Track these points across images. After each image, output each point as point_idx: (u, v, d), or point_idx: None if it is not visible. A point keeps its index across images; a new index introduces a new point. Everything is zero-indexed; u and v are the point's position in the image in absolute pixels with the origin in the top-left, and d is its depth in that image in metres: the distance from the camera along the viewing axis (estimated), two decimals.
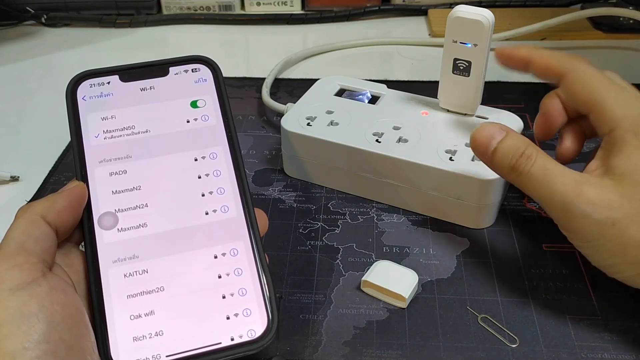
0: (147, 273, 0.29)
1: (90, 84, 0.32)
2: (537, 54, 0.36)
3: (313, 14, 0.70)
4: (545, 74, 0.35)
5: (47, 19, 0.70)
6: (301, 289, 0.36)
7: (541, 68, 0.35)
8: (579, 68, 0.34)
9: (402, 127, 0.41)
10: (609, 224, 0.29)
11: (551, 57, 0.35)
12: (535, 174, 0.31)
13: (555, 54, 0.35)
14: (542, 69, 0.35)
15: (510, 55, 0.37)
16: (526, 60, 0.36)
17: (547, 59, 0.35)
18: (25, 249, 0.26)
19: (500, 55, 0.37)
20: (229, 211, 0.30)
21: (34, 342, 0.23)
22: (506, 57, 0.37)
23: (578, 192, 0.30)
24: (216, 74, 0.33)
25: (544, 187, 0.31)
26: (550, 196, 0.31)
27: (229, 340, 0.28)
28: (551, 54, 0.35)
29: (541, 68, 0.35)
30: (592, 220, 0.30)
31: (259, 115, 0.52)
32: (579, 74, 0.34)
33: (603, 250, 0.30)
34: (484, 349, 0.32)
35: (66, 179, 0.45)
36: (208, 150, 0.32)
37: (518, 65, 0.37)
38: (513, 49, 0.37)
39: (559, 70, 0.34)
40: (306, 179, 0.44)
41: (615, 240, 0.29)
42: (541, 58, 0.35)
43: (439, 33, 0.65)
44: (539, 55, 0.36)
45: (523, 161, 0.32)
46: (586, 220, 0.30)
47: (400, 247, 0.38)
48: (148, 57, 0.34)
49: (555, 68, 0.35)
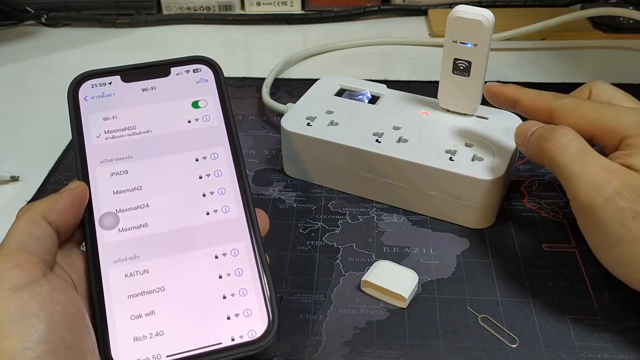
0: (148, 273, 0.29)
1: (91, 84, 0.32)
2: (524, 95, 0.36)
3: (313, 14, 0.70)
4: (533, 114, 0.36)
5: (47, 19, 0.70)
6: (301, 289, 0.36)
7: (528, 108, 0.36)
8: (563, 103, 0.34)
9: (402, 127, 0.41)
10: (630, 216, 0.29)
11: (537, 97, 0.36)
12: (571, 149, 0.31)
13: (541, 93, 0.36)
14: (530, 108, 0.36)
15: (497, 93, 0.38)
16: (513, 100, 0.37)
17: (533, 100, 0.36)
18: (26, 249, 0.26)
19: (487, 91, 0.38)
20: (229, 211, 0.30)
21: (34, 342, 0.23)
22: (493, 94, 0.38)
23: (609, 178, 0.30)
24: (217, 74, 0.33)
25: (577, 163, 0.31)
26: (581, 173, 0.31)
27: (229, 340, 0.28)
28: (537, 93, 0.36)
29: (528, 108, 0.36)
30: (616, 207, 0.29)
31: (259, 115, 0.52)
32: (565, 108, 0.34)
33: (619, 244, 0.30)
34: (484, 349, 0.32)
35: (66, 179, 0.45)
36: (209, 151, 0.32)
37: (506, 103, 0.38)
38: (501, 87, 0.38)
39: (546, 108, 0.35)
40: (306, 179, 0.44)
41: (634, 234, 0.29)
42: (528, 99, 0.36)
43: (439, 33, 0.65)
44: (525, 97, 0.36)
45: (558, 135, 0.32)
46: (610, 206, 0.30)
47: (400, 247, 0.38)
48: (148, 57, 0.34)
49: (542, 108, 0.35)
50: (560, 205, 0.41)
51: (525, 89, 0.37)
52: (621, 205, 0.29)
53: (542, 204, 0.41)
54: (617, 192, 0.30)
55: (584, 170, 0.31)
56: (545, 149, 0.33)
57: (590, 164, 0.31)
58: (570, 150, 0.31)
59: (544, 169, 0.45)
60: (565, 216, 0.40)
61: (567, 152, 0.31)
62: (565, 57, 0.61)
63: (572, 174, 0.31)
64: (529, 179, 0.44)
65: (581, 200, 0.31)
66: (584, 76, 0.57)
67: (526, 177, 0.44)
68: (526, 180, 0.44)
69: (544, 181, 0.44)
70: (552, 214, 0.41)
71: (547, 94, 0.36)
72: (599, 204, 0.30)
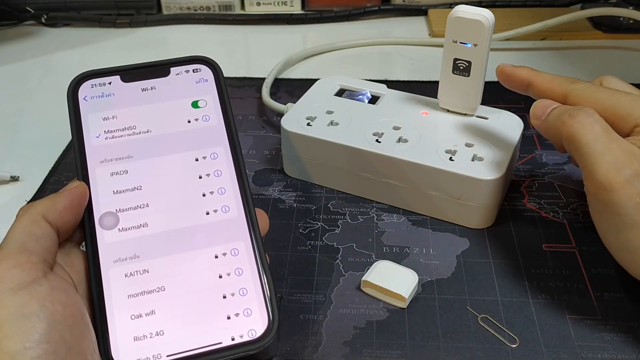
0: (148, 273, 0.29)
1: (91, 84, 0.32)
2: (538, 77, 0.36)
3: (313, 14, 0.70)
4: (547, 96, 0.36)
5: (47, 19, 0.70)
6: (301, 289, 0.36)
7: (542, 90, 0.36)
8: (579, 87, 0.34)
9: (402, 127, 0.41)
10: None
11: (552, 80, 0.36)
12: (595, 128, 0.31)
13: (556, 77, 0.36)
14: (543, 91, 0.36)
15: (511, 74, 0.37)
16: (527, 82, 0.37)
17: (548, 83, 0.36)
18: (26, 249, 0.26)
19: (500, 73, 0.38)
20: (229, 211, 0.30)
21: (34, 341, 0.23)
22: (506, 75, 0.38)
23: (630, 160, 0.30)
24: (217, 74, 0.33)
25: (601, 142, 0.31)
26: (603, 152, 0.30)
27: (229, 340, 0.28)
28: (552, 77, 0.36)
29: (542, 90, 0.36)
30: (634, 189, 0.29)
31: (259, 115, 0.52)
32: (581, 92, 0.34)
33: (631, 228, 0.30)
34: (483, 349, 0.32)
35: (66, 179, 0.45)
36: (209, 151, 0.32)
37: (518, 86, 0.37)
38: (514, 69, 0.37)
39: (561, 92, 0.35)
40: (306, 179, 0.44)
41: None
42: (542, 81, 0.36)
43: (439, 33, 0.65)
44: (539, 79, 0.36)
45: (583, 113, 0.32)
46: (629, 188, 0.30)
47: (400, 247, 0.38)
48: (148, 57, 0.34)
49: (557, 91, 0.35)
50: (560, 205, 0.41)
51: (539, 72, 0.36)
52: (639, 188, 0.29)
53: (542, 204, 0.41)
54: (637, 174, 0.30)
55: (607, 149, 0.30)
56: (569, 124, 0.32)
57: (614, 145, 0.31)
58: (595, 129, 0.31)
59: (544, 169, 0.45)
60: (565, 216, 0.40)
61: (592, 131, 0.31)
62: (565, 57, 0.61)
63: (595, 151, 0.31)
64: (529, 179, 0.44)
65: (599, 180, 0.30)
66: (584, 76, 0.56)
67: (526, 177, 0.44)
68: (526, 180, 0.44)
69: (544, 181, 0.44)
70: (552, 214, 0.41)
71: (562, 78, 0.36)
72: (617, 185, 0.30)
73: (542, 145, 0.47)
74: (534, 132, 0.48)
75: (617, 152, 0.30)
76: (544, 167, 0.45)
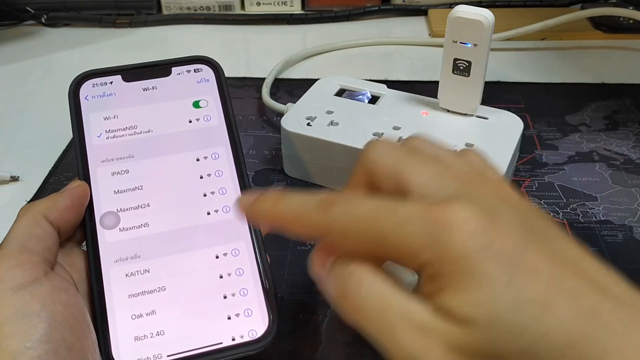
0: (149, 273, 0.29)
1: (92, 83, 0.32)
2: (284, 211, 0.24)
3: (313, 14, 0.70)
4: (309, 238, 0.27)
5: (47, 19, 0.70)
6: (301, 289, 0.36)
7: (298, 233, 0.24)
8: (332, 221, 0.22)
9: (402, 127, 0.41)
10: None
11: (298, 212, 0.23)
12: (370, 308, 0.21)
13: (302, 204, 0.23)
14: (299, 233, 0.24)
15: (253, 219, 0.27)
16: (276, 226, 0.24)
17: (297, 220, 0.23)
18: (27, 248, 0.26)
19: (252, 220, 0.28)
20: (230, 211, 0.30)
21: (35, 341, 0.23)
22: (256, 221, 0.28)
23: (425, 345, 0.20)
24: (218, 74, 0.33)
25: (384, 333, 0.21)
26: (394, 348, 0.21)
27: (230, 340, 0.28)
28: (298, 205, 0.23)
29: (298, 233, 0.24)
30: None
31: (259, 115, 0.52)
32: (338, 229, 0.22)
33: None
34: None
35: (66, 179, 0.45)
36: (210, 151, 0.32)
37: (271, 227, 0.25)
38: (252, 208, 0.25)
39: (317, 229, 0.23)
40: (306, 179, 0.44)
41: None
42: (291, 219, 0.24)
43: (439, 33, 0.65)
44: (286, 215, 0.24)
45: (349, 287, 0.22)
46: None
47: None
48: (148, 57, 0.34)
49: (311, 230, 0.23)
50: (560, 205, 0.41)
51: (285, 195, 0.24)
52: None
53: (542, 204, 0.41)
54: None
55: (395, 343, 0.21)
56: (345, 313, 0.22)
57: (399, 330, 0.20)
58: (371, 310, 0.21)
59: (544, 168, 0.45)
60: (565, 216, 0.40)
61: (367, 316, 0.21)
62: (565, 57, 0.61)
63: (383, 347, 0.21)
64: (529, 179, 0.44)
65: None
66: (584, 76, 0.57)
67: (526, 177, 0.44)
68: (526, 180, 0.44)
69: (544, 181, 0.44)
70: (552, 214, 0.41)
71: (309, 204, 0.23)
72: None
73: (542, 145, 0.47)
74: (534, 132, 0.48)
75: (406, 338, 0.20)
76: (544, 167, 0.45)
